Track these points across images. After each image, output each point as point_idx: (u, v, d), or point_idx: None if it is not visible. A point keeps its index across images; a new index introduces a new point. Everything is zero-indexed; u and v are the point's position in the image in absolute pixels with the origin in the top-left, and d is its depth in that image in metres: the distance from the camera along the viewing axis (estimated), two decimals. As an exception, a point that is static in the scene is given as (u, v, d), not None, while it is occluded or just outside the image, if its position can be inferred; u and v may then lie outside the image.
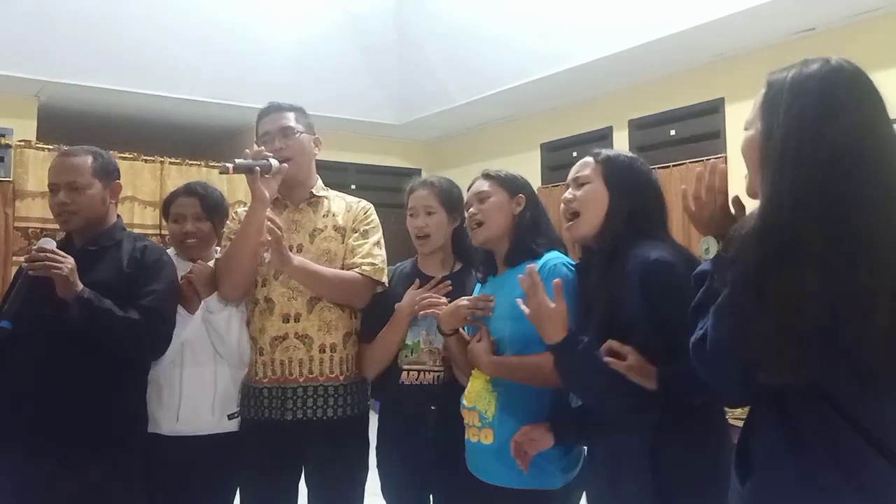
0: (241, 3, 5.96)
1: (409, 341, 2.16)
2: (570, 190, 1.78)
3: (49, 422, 1.90)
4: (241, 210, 2.25)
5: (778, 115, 1.17)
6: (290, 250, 2.08)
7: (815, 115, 1.13)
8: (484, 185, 2.01)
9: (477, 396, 1.89)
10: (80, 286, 1.87)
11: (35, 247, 1.89)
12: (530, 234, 1.95)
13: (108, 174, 2.12)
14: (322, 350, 2.15)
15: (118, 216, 2.18)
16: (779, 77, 1.22)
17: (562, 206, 1.80)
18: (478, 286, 2.12)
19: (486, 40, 5.98)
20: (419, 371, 2.13)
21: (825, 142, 1.11)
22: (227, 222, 2.29)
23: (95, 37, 5.40)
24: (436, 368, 2.13)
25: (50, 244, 1.91)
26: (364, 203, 2.33)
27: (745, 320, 1.10)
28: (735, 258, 1.16)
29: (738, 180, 1.35)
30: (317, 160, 2.36)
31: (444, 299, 2.10)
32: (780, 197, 1.11)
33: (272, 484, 2.15)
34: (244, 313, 2.23)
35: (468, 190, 2.08)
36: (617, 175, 1.75)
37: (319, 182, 2.33)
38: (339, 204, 2.31)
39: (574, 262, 1.91)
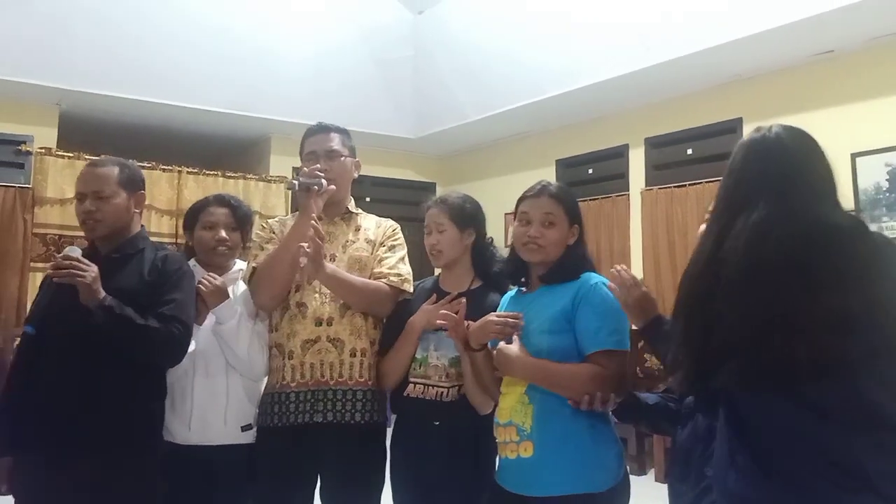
0: (259, 16, 6.01)
1: (418, 355, 2.19)
2: None
3: (68, 425, 1.94)
4: (272, 221, 2.37)
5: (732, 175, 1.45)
6: (325, 259, 2.15)
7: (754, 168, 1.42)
8: (552, 206, 1.95)
9: (512, 411, 1.86)
10: (103, 294, 1.92)
11: (61, 255, 1.94)
12: (575, 260, 1.96)
13: (134, 185, 2.18)
14: (353, 354, 2.20)
15: (142, 226, 2.23)
16: (736, 148, 1.45)
17: None
18: (504, 300, 2.10)
19: (501, 56, 6.00)
20: (424, 385, 2.15)
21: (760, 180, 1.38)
22: (257, 231, 2.35)
23: (116, 47, 5.47)
24: (441, 384, 2.14)
25: (75, 252, 1.96)
26: (392, 222, 2.44)
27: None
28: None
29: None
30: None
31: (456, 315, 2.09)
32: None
33: (288, 493, 2.15)
34: (255, 324, 2.26)
35: (525, 197, 2.00)
36: None
37: (353, 201, 2.43)
38: (370, 221, 2.42)
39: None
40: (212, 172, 6.41)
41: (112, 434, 1.95)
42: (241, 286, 2.32)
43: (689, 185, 5.42)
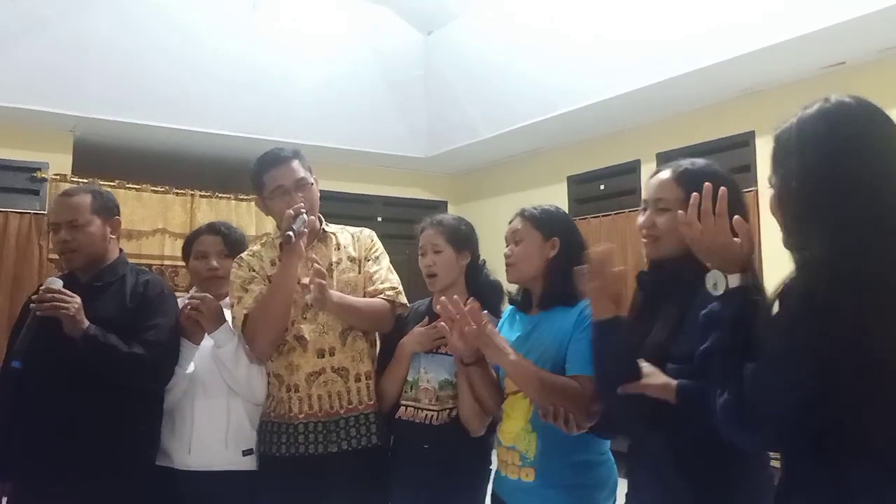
0: (270, 41, 6.05)
1: (409, 377, 2.18)
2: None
3: (60, 454, 1.94)
4: (247, 257, 2.25)
5: (791, 167, 1.15)
6: (305, 289, 2.10)
7: (827, 156, 1.10)
8: (519, 224, 2.00)
9: (516, 437, 1.89)
10: (87, 323, 1.93)
11: (42, 287, 1.95)
12: (564, 278, 1.87)
13: (108, 211, 2.18)
14: (357, 379, 2.17)
15: (121, 250, 2.23)
16: (784, 130, 1.20)
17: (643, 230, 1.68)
18: (501, 323, 2.11)
19: (512, 74, 6.01)
20: (415, 408, 2.15)
21: (847, 178, 1.08)
22: (235, 270, 2.22)
23: (129, 74, 5.53)
24: (430, 407, 2.13)
25: (57, 284, 1.97)
26: (367, 231, 2.39)
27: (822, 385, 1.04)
28: (789, 322, 1.10)
29: (769, 214, 1.27)
30: (344, 192, 2.40)
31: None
32: (817, 256, 1.07)
33: None
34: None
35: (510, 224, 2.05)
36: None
37: (323, 220, 2.35)
38: (346, 237, 2.34)
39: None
40: (224, 196, 6.45)
41: (98, 461, 1.96)
42: None
43: (703, 199, 5.39)
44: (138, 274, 2.18)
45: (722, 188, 1.29)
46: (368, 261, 2.29)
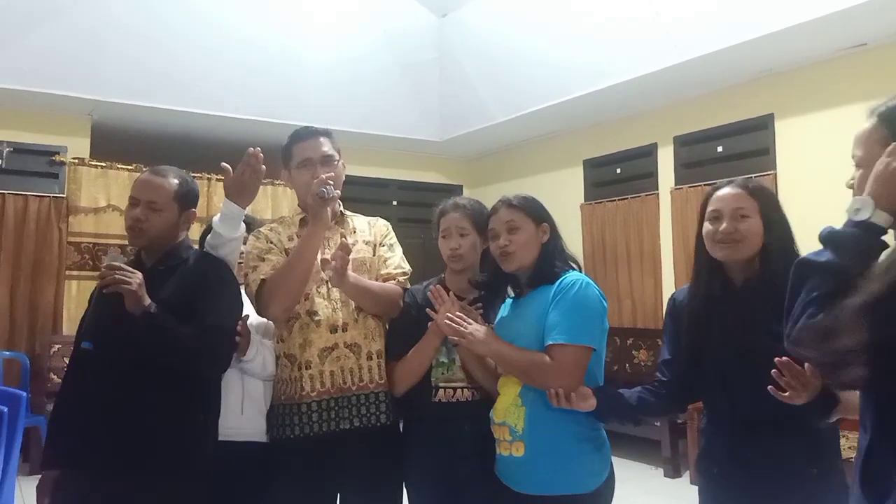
0: (284, 25, 6.06)
1: (444, 359, 2.19)
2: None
3: (121, 441, 1.90)
4: (265, 230, 2.29)
5: None
6: (326, 264, 2.13)
7: None
8: (511, 215, 2.05)
9: (506, 412, 1.96)
10: (148, 301, 1.90)
11: (104, 263, 1.92)
12: (551, 259, 2.03)
13: (189, 202, 2.15)
14: (369, 357, 2.19)
15: (186, 235, 2.20)
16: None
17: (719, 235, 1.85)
18: (507, 303, 2.16)
19: (526, 57, 5.98)
20: (455, 388, 2.17)
21: None
22: (252, 242, 2.26)
23: (145, 59, 5.56)
24: (471, 385, 2.17)
25: (119, 260, 1.94)
26: (383, 220, 2.43)
27: None
28: None
29: (788, 198, 1.29)
30: (359, 176, 2.41)
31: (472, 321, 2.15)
32: None
33: (313, 495, 2.13)
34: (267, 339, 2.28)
35: (489, 222, 2.11)
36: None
37: (341, 203, 2.39)
38: (361, 221, 2.39)
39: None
40: (240, 179, 6.47)
41: (161, 449, 1.92)
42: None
43: (720, 182, 5.35)
44: (202, 256, 2.16)
45: None
46: (383, 246, 2.33)
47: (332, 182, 2.14)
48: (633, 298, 6.10)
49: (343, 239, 2.08)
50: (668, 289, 5.62)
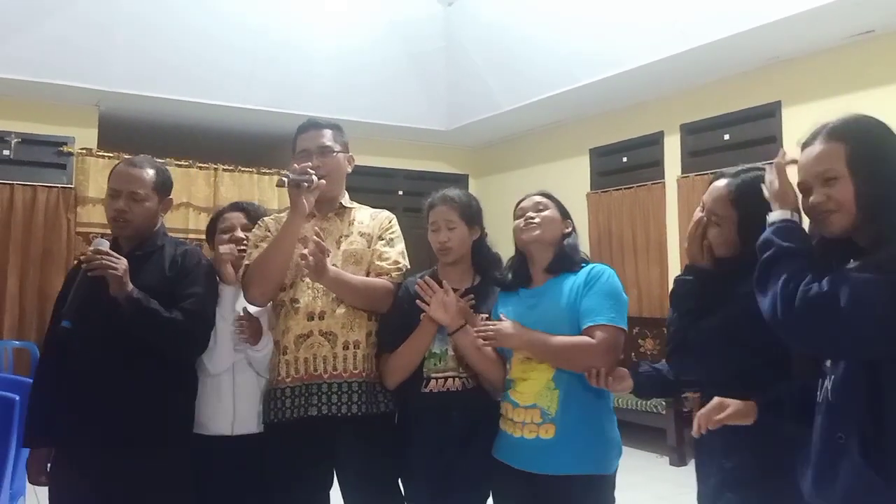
0: (291, 15, 6.04)
1: (436, 350, 2.20)
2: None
3: (104, 418, 2.00)
4: (268, 219, 2.34)
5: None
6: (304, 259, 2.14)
7: None
8: (542, 199, 2.18)
9: (538, 395, 2.02)
10: (131, 286, 1.99)
11: (91, 248, 2.00)
12: (574, 251, 2.15)
13: (166, 190, 2.24)
14: (346, 347, 2.19)
15: (161, 222, 2.29)
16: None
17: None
18: (507, 296, 2.19)
19: (533, 46, 5.95)
20: (446, 378, 2.19)
21: None
22: (254, 230, 2.33)
23: (152, 49, 5.57)
24: (462, 374, 2.19)
25: (104, 245, 2.02)
26: (387, 213, 2.42)
27: None
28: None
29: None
30: (365, 166, 2.41)
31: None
32: None
33: (305, 484, 2.17)
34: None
35: (518, 205, 2.19)
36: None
37: (347, 196, 2.42)
38: (364, 213, 2.40)
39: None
40: (247, 169, 6.50)
41: (147, 427, 2.02)
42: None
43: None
44: (177, 245, 2.24)
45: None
46: (381, 240, 2.32)
47: (312, 171, 2.17)
48: (639, 287, 6.10)
49: (316, 238, 2.08)
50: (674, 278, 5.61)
